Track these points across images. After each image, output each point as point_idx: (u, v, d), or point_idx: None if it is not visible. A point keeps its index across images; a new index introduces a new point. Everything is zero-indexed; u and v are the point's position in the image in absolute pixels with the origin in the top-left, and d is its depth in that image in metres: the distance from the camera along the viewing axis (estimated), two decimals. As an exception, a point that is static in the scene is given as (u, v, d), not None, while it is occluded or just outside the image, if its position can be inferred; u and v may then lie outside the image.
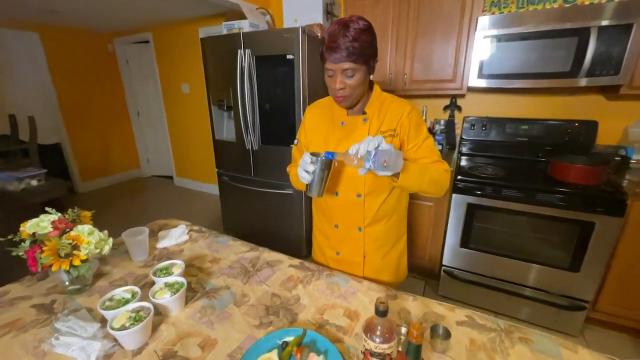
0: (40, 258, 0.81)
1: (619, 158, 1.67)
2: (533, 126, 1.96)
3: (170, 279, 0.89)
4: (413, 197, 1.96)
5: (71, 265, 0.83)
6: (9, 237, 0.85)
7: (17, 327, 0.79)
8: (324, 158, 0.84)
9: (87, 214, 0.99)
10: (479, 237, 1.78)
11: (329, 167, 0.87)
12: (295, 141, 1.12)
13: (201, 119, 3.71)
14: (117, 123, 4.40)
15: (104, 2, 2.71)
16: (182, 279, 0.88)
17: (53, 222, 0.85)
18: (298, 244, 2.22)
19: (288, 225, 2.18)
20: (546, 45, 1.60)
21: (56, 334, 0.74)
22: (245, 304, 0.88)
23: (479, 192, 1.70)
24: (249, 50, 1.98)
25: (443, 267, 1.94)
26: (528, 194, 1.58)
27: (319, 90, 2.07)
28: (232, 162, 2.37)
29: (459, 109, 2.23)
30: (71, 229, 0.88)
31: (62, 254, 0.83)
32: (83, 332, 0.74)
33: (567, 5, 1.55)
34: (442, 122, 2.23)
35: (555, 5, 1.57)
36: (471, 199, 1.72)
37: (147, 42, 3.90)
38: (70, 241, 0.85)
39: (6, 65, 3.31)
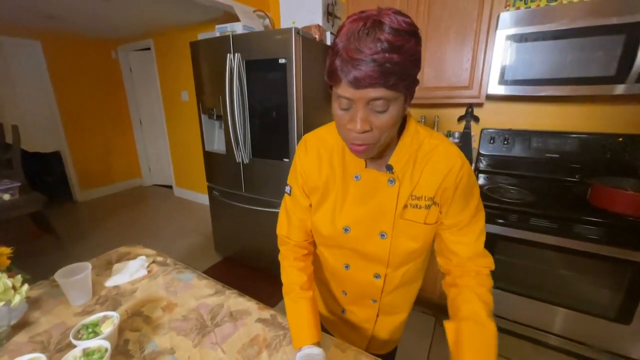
0: None
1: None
2: (566, 140, 1.67)
3: (93, 344, 0.67)
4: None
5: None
6: None
7: None
8: None
9: (5, 250, 0.80)
10: (499, 273, 1.49)
11: None
12: (288, 188, 0.76)
13: (195, 129, 3.56)
14: (119, 131, 4.32)
15: (99, 5, 2.62)
16: (105, 343, 0.66)
17: None
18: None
19: (275, 243, 1.95)
20: (585, 45, 1.33)
21: None
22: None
23: (501, 221, 1.42)
24: (239, 55, 1.79)
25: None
26: (563, 224, 1.30)
27: (316, 99, 1.86)
28: (222, 176, 2.18)
29: (476, 119, 1.97)
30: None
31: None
32: None
33: (610, -3, 1.28)
34: (457, 134, 1.97)
35: (596, -2, 1.31)
36: (490, 228, 1.44)
37: (148, 49, 3.82)
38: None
39: (6, 73, 3.26)
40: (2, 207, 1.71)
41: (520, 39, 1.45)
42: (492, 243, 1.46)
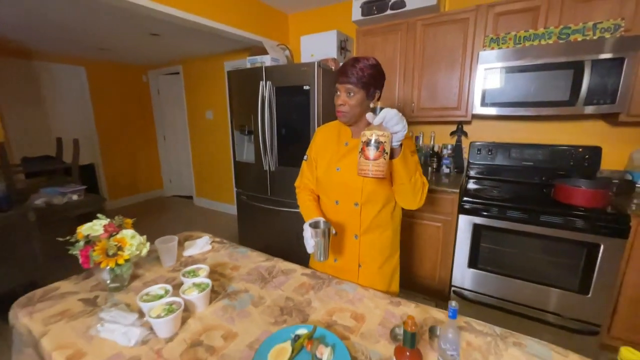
0: (92, 256, 0.95)
1: (617, 181, 1.72)
2: (538, 151, 2.04)
3: (197, 280, 1.01)
4: (422, 217, 2.04)
5: (116, 264, 0.97)
6: (68, 238, 1.01)
7: (68, 315, 0.92)
8: (322, 228, 1.02)
9: (129, 221, 1.15)
10: (487, 258, 1.82)
11: (328, 234, 1.03)
12: (305, 157, 1.27)
13: (221, 143, 3.98)
14: (145, 146, 4.75)
15: (143, 41, 3.08)
16: (207, 280, 1.00)
17: (104, 226, 1.00)
18: (308, 258, 2.30)
19: (300, 242, 2.28)
20: (545, 76, 1.73)
21: (101, 322, 0.86)
22: (262, 305, 0.98)
23: (484, 213, 1.76)
24: (270, 82, 2.20)
25: (452, 288, 1.96)
26: (532, 215, 1.64)
27: (331, 117, 2.25)
28: (250, 182, 2.54)
29: (465, 134, 2.35)
30: (117, 233, 1.03)
31: (110, 253, 0.97)
32: (124, 321, 0.86)
33: (561, 42, 1.68)
34: (450, 146, 2.34)
35: (551, 42, 1.71)
36: (477, 220, 1.78)
37: (177, 73, 4.30)
38: (116, 243, 1.00)
39: (56, 95, 3.73)
40: (73, 206, 2.07)
41: (496, 71, 1.85)
42: (478, 232, 1.80)
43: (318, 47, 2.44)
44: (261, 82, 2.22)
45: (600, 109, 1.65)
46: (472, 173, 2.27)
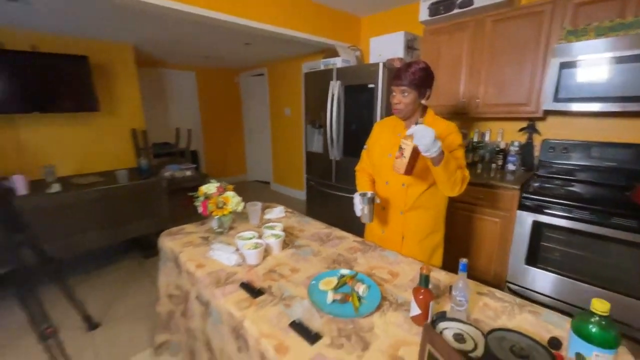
0: (209, 206, 1.39)
1: None
2: (623, 150, 1.85)
3: (275, 232, 1.37)
4: (480, 212, 2.08)
5: (222, 214, 1.39)
6: (193, 193, 1.48)
7: (192, 244, 1.38)
8: (368, 197, 1.26)
9: (231, 186, 1.58)
10: (547, 257, 1.78)
11: (372, 202, 1.28)
12: (365, 146, 1.51)
13: (295, 136, 4.47)
14: (234, 137, 5.60)
15: (238, 49, 3.71)
16: (281, 233, 1.35)
17: (217, 187, 1.43)
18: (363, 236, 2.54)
19: (357, 223, 2.53)
20: (634, 69, 1.60)
21: (212, 250, 1.28)
22: (319, 256, 1.29)
23: (547, 211, 1.73)
24: (340, 82, 2.49)
25: (507, 284, 1.97)
26: (602, 216, 1.56)
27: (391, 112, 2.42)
28: (318, 170, 2.90)
29: (537, 131, 2.24)
30: (223, 193, 1.46)
31: (219, 206, 1.40)
32: (226, 251, 1.26)
33: (656, 30, 1.53)
34: (517, 143, 2.27)
35: (642, 31, 1.56)
36: (539, 217, 1.76)
37: (262, 74, 4.95)
38: (222, 200, 1.43)
39: (173, 94, 4.74)
40: (186, 179, 2.72)
41: (571, 65, 1.77)
42: (538, 230, 1.77)
43: (386, 48, 2.62)
44: (331, 81, 2.53)
45: None
46: (542, 172, 2.17)
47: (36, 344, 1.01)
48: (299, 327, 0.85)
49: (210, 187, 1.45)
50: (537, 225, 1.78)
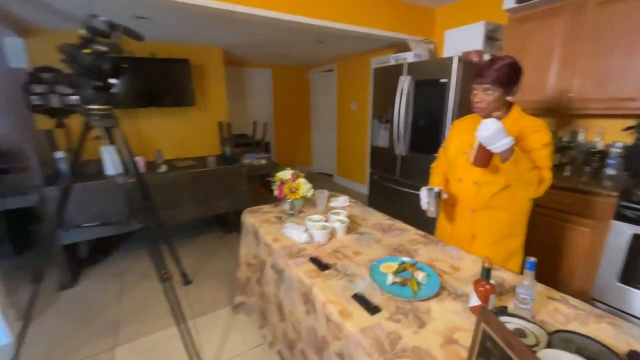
0: (284, 190, 1.58)
1: None
2: None
3: (340, 217, 1.49)
4: (566, 219, 1.89)
5: (294, 198, 1.57)
6: (270, 178, 1.69)
7: (268, 222, 1.59)
8: (435, 191, 1.27)
9: (302, 174, 1.76)
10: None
11: (438, 197, 1.28)
12: (443, 144, 1.49)
13: (360, 130, 4.53)
14: (302, 131, 5.94)
15: (311, 47, 3.91)
16: (346, 219, 1.47)
17: (291, 174, 1.62)
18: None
19: (419, 220, 2.51)
20: None
21: (285, 228, 1.47)
22: (381, 243, 1.37)
23: (651, 223, 1.49)
24: (410, 77, 2.47)
25: (593, 301, 1.75)
26: None
27: (466, 108, 2.30)
28: (382, 164, 2.93)
29: (652, 131, 1.90)
30: (296, 179, 1.64)
31: (292, 191, 1.59)
32: (297, 229, 1.43)
33: None
34: (620, 144, 1.96)
35: None
36: (638, 230, 1.53)
37: (331, 70, 5.12)
38: (295, 185, 1.61)
39: (252, 90, 5.25)
40: (261, 167, 3.05)
41: None
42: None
43: (463, 40, 2.50)
44: (401, 76, 2.53)
45: None
46: (653, 178, 1.84)
47: (157, 285, 1.32)
48: (360, 299, 0.95)
49: (285, 174, 1.65)
50: (638, 239, 1.55)
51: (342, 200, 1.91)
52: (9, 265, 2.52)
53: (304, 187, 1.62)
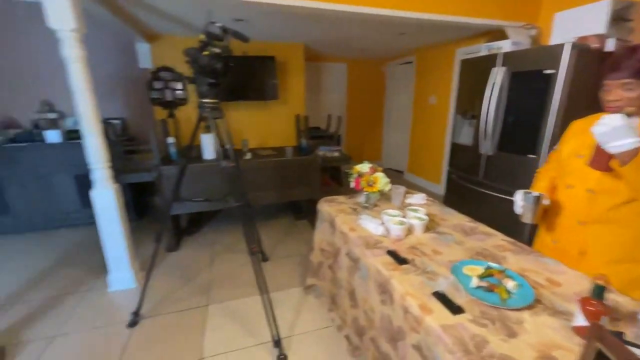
0: (361, 183, 1.62)
1: None
2: None
3: (419, 214, 1.46)
4: None
5: (371, 191, 1.60)
6: (348, 170, 1.74)
7: (344, 212, 1.65)
8: (533, 195, 1.16)
9: (380, 168, 1.77)
10: None
11: (538, 202, 1.16)
12: (555, 147, 1.31)
13: (438, 126, 4.26)
14: (373, 125, 5.87)
15: (391, 40, 3.80)
16: (425, 217, 1.43)
17: (369, 167, 1.65)
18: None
19: (508, 228, 2.27)
20: None
21: (360, 219, 1.50)
22: (462, 245, 1.30)
23: None
24: (505, 68, 2.22)
25: None
26: None
27: (577, 104, 1.96)
28: (463, 163, 2.73)
29: None
30: (374, 173, 1.66)
31: (369, 184, 1.61)
32: (373, 222, 1.46)
33: None
34: None
35: None
36: None
37: (410, 62, 4.90)
38: (373, 179, 1.63)
39: (327, 84, 5.39)
40: (334, 159, 3.14)
41: None
42: None
43: (578, 23, 2.13)
44: (494, 68, 2.29)
45: None
46: None
47: (239, 257, 1.50)
48: (442, 298, 0.94)
49: (364, 167, 1.68)
50: None
51: (419, 198, 1.86)
52: (131, 227, 3.16)
53: (382, 181, 1.63)
